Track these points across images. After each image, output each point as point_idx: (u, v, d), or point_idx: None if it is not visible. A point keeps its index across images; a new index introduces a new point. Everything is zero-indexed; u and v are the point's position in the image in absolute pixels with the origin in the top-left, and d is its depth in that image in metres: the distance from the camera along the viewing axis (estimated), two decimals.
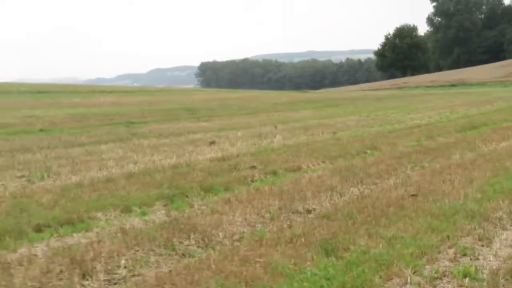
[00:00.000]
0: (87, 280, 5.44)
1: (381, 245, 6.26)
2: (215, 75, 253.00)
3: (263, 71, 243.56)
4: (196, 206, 8.28)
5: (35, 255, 6.15)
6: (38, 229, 7.10)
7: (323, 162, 12.11)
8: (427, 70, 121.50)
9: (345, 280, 5.26)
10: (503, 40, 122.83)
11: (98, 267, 5.71)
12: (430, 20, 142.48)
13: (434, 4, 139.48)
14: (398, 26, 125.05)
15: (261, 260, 5.83)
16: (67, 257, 5.94)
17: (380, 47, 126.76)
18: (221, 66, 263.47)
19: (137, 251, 6.25)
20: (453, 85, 77.02)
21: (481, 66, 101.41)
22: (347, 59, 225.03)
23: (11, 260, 5.97)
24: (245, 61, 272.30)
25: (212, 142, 15.06)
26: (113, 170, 11.16)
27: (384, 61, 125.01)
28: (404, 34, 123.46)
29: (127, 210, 8.07)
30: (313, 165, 11.73)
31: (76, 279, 5.42)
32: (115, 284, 5.43)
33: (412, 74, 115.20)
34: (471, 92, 50.37)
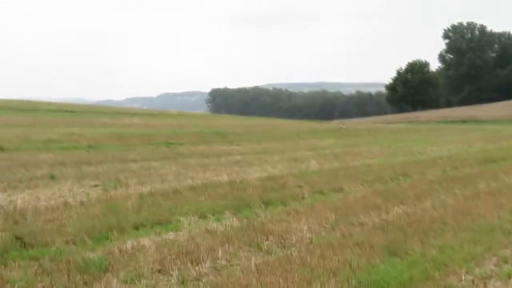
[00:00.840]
0: (197, 266, 6.60)
1: (434, 251, 7.41)
2: (225, 101, 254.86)
3: (273, 99, 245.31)
4: (263, 216, 9.46)
5: (144, 246, 7.33)
6: (136, 227, 8.32)
7: (362, 185, 13.28)
8: (437, 106, 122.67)
9: (413, 274, 6.40)
10: None
11: (202, 257, 6.88)
12: (442, 57, 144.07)
13: (447, 41, 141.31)
14: (410, 61, 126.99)
15: (336, 257, 6.98)
16: (174, 248, 7.14)
17: (391, 81, 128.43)
18: (231, 93, 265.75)
19: (228, 247, 7.41)
20: (464, 121, 78.16)
21: (492, 104, 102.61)
22: (357, 91, 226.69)
23: (127, 249, 7.16)
24: (255, 89, 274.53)
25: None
26: (174, 184, 12.41)
27: (395, 95, 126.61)
28: (416, 69, 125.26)
29: (203, 216, 9.28)
30: (353, 187, 12.90)
31: (188, 264, 6.60)
32: (219, 269, 6.59)
33: (422, 109, 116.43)
34: (485, 129, 51.48)
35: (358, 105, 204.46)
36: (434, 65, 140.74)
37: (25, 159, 15.41)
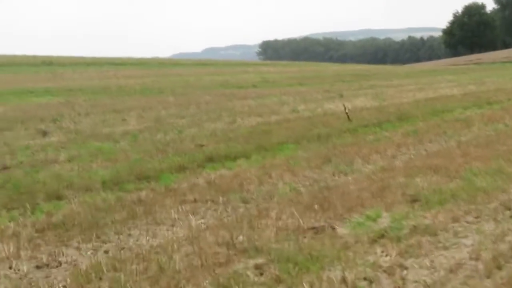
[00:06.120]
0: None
1: None
2: (276, 53, 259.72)
3: (324, 49, 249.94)
4: (496, 108, 16.38)
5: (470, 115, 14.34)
6: (452, 111, 15.29)
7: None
8: (494, 48, 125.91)
9: None
10: None
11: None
12: None
13: None
14: (466, 4, 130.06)
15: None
16: (483, 115, 14.11)
17: (448, 25, 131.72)
18: (282, 45, 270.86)
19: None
20: None
21: None
22: (409, 37, 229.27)
23: (460, 117, 14.14)
24: (306, 39, 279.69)
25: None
26: (408, 99, 19.25)
27: (452, 39, 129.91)
28: (473, 12, 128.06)
29: (465, 109, 16.15)
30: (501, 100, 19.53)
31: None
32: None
33: (479, 52, 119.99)
34: None
35: (410, 51, 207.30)
36: (489, 6, 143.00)
37: (267, 91, 22.52)
